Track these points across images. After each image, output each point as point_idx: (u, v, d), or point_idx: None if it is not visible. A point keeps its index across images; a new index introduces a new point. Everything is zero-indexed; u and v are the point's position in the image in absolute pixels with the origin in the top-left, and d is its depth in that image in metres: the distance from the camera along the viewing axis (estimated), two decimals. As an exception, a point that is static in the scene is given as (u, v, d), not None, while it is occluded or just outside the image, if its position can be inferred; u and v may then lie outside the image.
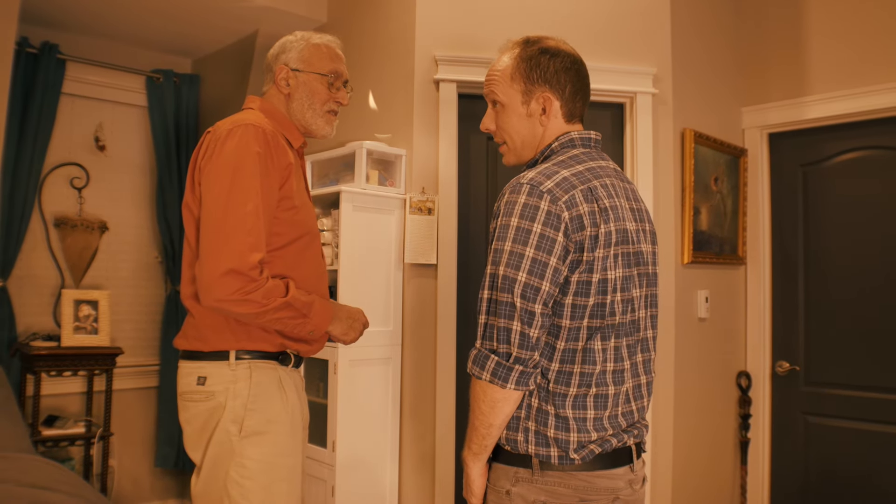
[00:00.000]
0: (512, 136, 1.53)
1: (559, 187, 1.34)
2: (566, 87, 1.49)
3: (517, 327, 1.31)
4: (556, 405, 1.35)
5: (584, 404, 1.36)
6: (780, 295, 3.29)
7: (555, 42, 1.51)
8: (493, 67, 1.53)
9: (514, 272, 1.31)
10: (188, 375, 1.69)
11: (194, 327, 1.70)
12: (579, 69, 1.51)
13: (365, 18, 3.07)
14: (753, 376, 3.29)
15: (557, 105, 1.49)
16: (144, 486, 3.77)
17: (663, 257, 2.84)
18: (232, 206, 1.56)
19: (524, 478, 1.37)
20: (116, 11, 3.33)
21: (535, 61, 1.48)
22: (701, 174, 3.02)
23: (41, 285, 3.49)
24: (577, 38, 2.83)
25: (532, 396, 1.37)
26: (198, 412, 1.66)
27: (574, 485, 1.36)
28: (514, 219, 1.33)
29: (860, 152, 3.09)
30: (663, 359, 2.82)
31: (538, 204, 1.33)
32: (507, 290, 1.31)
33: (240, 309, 1.55)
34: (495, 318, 1.33)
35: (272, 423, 1.65)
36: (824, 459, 3.11)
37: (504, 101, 1.51)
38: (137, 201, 3.84)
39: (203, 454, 1.66)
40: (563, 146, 1.48)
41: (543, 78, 1.47)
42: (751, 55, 3.36)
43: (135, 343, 3.78)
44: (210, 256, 1.53)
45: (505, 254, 1.32)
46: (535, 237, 1.31)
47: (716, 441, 3.17)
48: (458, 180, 2.74)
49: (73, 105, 3.62)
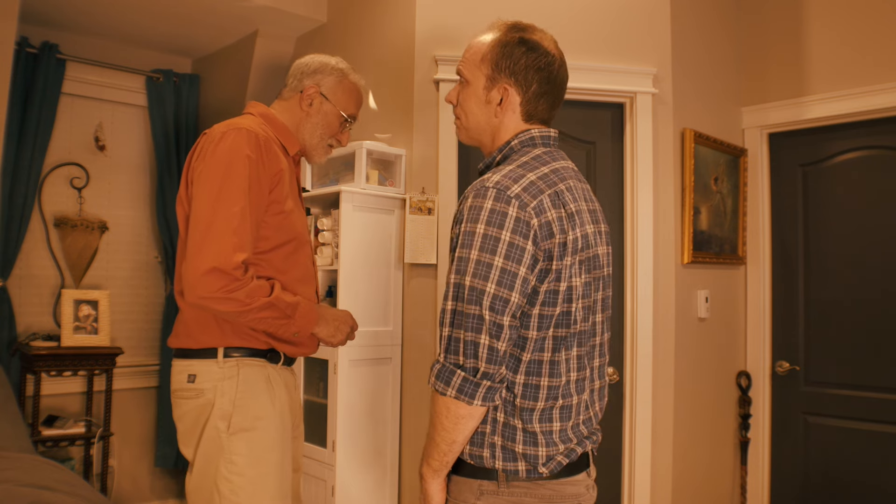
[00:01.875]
0: (467, 116, 1.47)
1: (527, 192, 1.28)
2: (531, 86, 1.41)
3: (485, 341, 1.24)
4: (524, 420, 1.30)
5: (550, 417, 1.32)
6: (780, 295, 3.29)
7: (539, 37, 1.44)
8: (471, 42, 1.48)
9: (482, 283, 1.24)
10: (179, 373, 1.72)
11: (184, 325, 1.73)
12: (553, 71, 1.43)
13: (365, 18, 3.07)
14: (753, 376, 3.29)
15: (517, 101, 1.42)
16: (144, 486, 3.77)
17: (663, 257, 2.85)
18: (220, 206, 1.59)
19: (489, 490, 1.32)
20: (116, 11, 3.33)
21: (509, 50, 1.40)
22: (701, 174, 3.02)
23: (41, 285, 3.50)
24: (577, 38, 2.84)
25: (497, 411, 1.31)
26: (188, 409, 1.70)
27: (541, 494, 1.32)
28: (480, 225, 1.26)
29: (860, 152, 3.08)
30: (663, 359, 2.82)
31: (506, 210, 1.26)
32: (475, 302, 1.24)
33: (222, 307, 1.57)
34: (461, 330, 1.25)
35: (259, 420, 1.68)
36: (824, 459, 3.11)
37: (469, 79, 1.45)
38: (137, 201, 3.84)
39: (194, 451, 1.69)
40: (523, 144, 1.43)
41: (511, 70, 1.40)
42: (751, 55, 3.36)
43: (135, 343, 3.78)
44: (195, 254, 1.56)
45: (471, 263, 1.25)
46: (504, 246, 1.24)
47: (716, 441, 3.17)
48: (458, 180, 2.74)
49: (73, 105, 3.62)
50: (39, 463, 2.21)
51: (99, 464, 3.40)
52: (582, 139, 2.86)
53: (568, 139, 2.85)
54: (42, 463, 2.22)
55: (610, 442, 2.83)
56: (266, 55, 3.51)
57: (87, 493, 2.02)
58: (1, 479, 1.89)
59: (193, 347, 1.71)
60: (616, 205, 2.87)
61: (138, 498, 3.74)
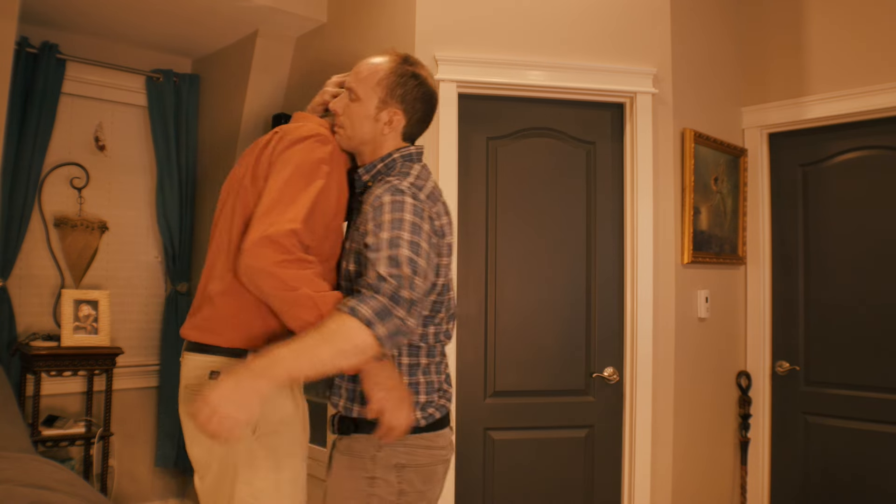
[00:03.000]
0: (353, 127, 1.67)
1: (430, 199, 1.58)
2: (416, 114, 1.68)
3: (414, 302, 1.42)
4: (425, 373, 1.64)
5: (432, 371, 1.66)
6: (780, 295, 3.29)
7: (426, 73, 1.70)
8: (365, 62, 1.68)
9: (416, 257, 1.45)
10: (198, 368, 1.65)
11: (211, 320, 1.65)
12: (432, 103, 1.71)
13: (365, 18, 3.07)
14: (753, 376, 3.29)
15: (402, 124, 1.67)
16: (144, 485, 3.77)
17: (663, 257, 2.85)
18: (288, 188, 1.55)
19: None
20: (116, 11, 3.33)
21: (403, 81, 1.65)
22: (701, 174, 3.02)
23: (41, 285, 3.50)
24: (577, 37, 2.84)
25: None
26: None
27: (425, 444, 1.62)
28: (407, 214, 1.49)
29: (860, 152, 3.09)
30: (663, 359, 2.82)
31: (423, 208, 1.54)
32: (411, 269, 1.43)
33: (265, 283, 1.47)
34: (399, 288, 1.40)
35: (284, 424, 1.65)
36: (824, 459, 3.11)
37: (362, 97, 1.65)
38: (137, 201, 3.84)
39: (209, 452, 1.65)
40: (405, 158, 1.67)
41: (402, 98, 1.65)
42: (751, 55, 3.36)
43: (135, 343, 3.78)
44: (251, 228, 1.52)
45: (405, 242, 1.45)
46: (427, 235, 1.51)
47: (716, 441, 3.17)
48: (458, 180, 2.74)
49: (73, 105, 3.62)
50: (39, 463, 2.21)
51: (99, 464, 3.40)
52: (582, 139, 2.86)
53: (568, 139, 2.85)
54: (42, 463, 2.22)
55: (610, 442, 2.83)
56: (266, 55, 3.51)
57: (87, 493, 2.02)
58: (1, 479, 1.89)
59: (221, 345, 1.63)
60: (616, 205, 2.87)
61: (138, 498, 3.74)
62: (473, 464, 2.74)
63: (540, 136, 2.84)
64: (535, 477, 2.78)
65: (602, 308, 2.84)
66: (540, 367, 2.79)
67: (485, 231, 2.79)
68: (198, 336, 1.67)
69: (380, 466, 1.58)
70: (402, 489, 1.59)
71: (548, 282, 2.82)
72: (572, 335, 2.82)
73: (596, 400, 2.83)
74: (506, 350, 2.77)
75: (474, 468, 2.74)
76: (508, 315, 2.78)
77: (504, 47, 2.76)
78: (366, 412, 1.55)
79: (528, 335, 2.79)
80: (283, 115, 3.38)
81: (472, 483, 2.73)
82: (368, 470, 1.58)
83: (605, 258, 2.85)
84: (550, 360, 2.80)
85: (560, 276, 2.83)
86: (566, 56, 2.79)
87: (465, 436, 2.71)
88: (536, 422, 2.79)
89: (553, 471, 2.79)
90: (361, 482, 1.59)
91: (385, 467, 1.57)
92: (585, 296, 2.84)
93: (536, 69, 2.75)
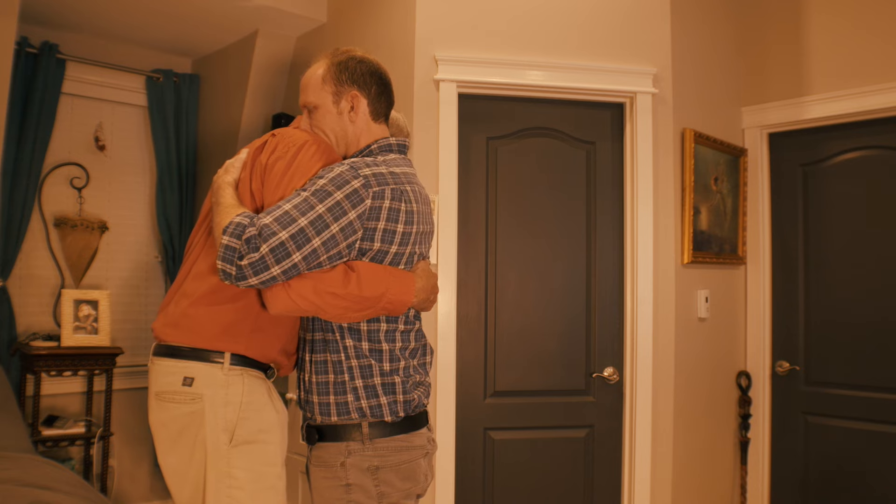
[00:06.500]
0: (327, 133, 1.69)
1: (375, 178, 1.54)
2: (372, 88, 1.69)
3: (297, 257, 1.46)
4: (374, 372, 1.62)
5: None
6: (780, 295, 3.29)
7: (361, 52, 1.72)
8: (305, 77, 1.71)
9: (314, 235, 1.46)
10: (171, 374, 1.62)
11: (191, 319, 1.62)
12: (382, 74, 1.72)
13: (365, 18, 3.07)
14: (753, 376, 3.29)
15: (365, 103, 1.68)
16: (144, 486, 3.77)
17: (663, 257, 2.85)
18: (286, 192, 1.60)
19: (355, 450, 1.59)
20: (116, 11, 3.33)
21: (345, 65, 1.67)
22: (701, 174, 3.02)
23: (41, 285, 3.50)
24: (577, 37, 2.85)
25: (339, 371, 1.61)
26: (177, 414, 1.60)
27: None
28: (331, 187, 1.49)
29: (860, 152, 3.09)
30: (663, 359, 2.82)
31: (350, 181, 1.51)
32: (302, 243, 1.46)
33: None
34: (289, 248, 1.45)
35: (263, 433, 1.62)
36: (824, 459, 3.11)
37: (317, 102, 1.68)
38: (137, 201, 3.84)
39: (183, 461, 1.61)
40: (381, 149, 1.69)
41: (352, 79, 1.67)
42: (751, 55, 3.36)
43: (135, 343, 3.78)
44: None
45: (314, 213, 1.47)
46: (333, 202, 1.49)
47: (716, 441, 3.17)
48: (458, 180, 2.74)
49: (73, 105, 3.62)
50: (39, 463, 2.21)
51: (99, 464, 3.40)
52: (582, 139, 2.86)
53: (568, 139, 2.85)
54: (42, 463, 2.22)
55: (610, 442, 2.83)
56: (266, 55, 3.51)
57: (87, 493, 2.02)
58: (1, 479, 1.89)
59: (197, 346, 1.60)
60: (616, 205, 2.87)
61: (138, 498, 3.74)
62: (473, 464, 2.74)
63: (540, 136, 2.84)
64: (534, 477, 2.78)
65: (602, 308, 2.84)
66: (540, 366, 2.79)
67: (485, 231, 2.79)
68: (173, 335, 1.64)
69: (352, 472, 1.57)
70: (382, 491, 1.57)
71: (548, 282, 2.82)
72: (572, 335, 2.82)
73: (596, 400, 2.83)
74: (506, 350, 2.77)
75: (474, 468, 2.74)
76: (508, 315, 2.78)
77: (504, 47, 2.76)
78: (328, 419, 1.58)
79: (528, 335, 2.79)
80: (283, 115, 3.38)
81: (472, 483, 2.73)
82: (341, 478, 1.58)
83: (605, 258, 2.85)
84: (550, 359, 2.80)
85: (560, 276, 2.83)
86: (566, 56, 2.79)
87: (465, 436, 2.71)
88: (536, 422, 2.79)
89: (553, 471, 2.79)
90: (338, 491, 1.58)
91: (358, 472, 1.57)
92: (585, 296, 2.84)
93: (536, 69, 2.75)
